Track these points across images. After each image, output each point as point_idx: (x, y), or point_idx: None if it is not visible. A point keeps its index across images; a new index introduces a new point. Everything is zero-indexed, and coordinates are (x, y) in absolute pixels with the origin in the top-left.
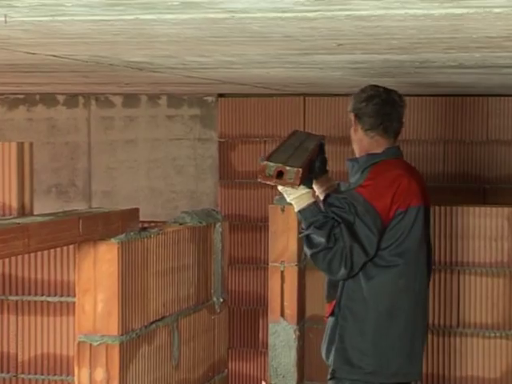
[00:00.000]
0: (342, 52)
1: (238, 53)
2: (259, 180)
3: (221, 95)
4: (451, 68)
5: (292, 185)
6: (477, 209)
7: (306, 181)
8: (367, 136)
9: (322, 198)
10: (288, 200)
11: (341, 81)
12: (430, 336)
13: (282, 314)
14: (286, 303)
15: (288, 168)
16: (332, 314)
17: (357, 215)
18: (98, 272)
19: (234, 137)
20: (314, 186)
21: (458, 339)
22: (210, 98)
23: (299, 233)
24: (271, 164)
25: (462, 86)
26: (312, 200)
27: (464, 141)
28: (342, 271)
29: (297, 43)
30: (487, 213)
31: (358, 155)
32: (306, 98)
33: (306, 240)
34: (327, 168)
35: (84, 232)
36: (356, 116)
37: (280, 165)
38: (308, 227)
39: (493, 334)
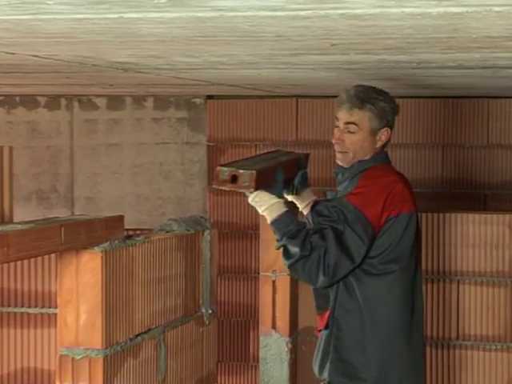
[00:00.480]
0: (336, 52)
1: (228, 53)
2: (214, 186)
3: (209, 97)
4: (450, 69)
5: (247, 188)
6: (477, 216)
7: (275, 190)
8: (382, 148)
9: (305, 212)
10: (260, 212)
11: (335, 82)
12: (428, 349)
13: (274, 326)
14: (277, 314)
15: (241, 171)
16: (326, 326)
17: (347, 223)
18: (80, 282)
19: (224, 140)
20: (297, 201)
21: (457, 352)
22: (198, 100)
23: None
24: (224, 169)
25: (461, 87)
26: (284, 210)
27: (463, 145)
28: (322, 279)
29: (288, 43)
30: (488, 220)
31: (346, 162)
32: (299, 99)
33: (283, 251)
34: (309, 183)
35: (66, 240)
36: (390, 130)
37: (233, 169)
38: (282, 238)
39: (494, 347)
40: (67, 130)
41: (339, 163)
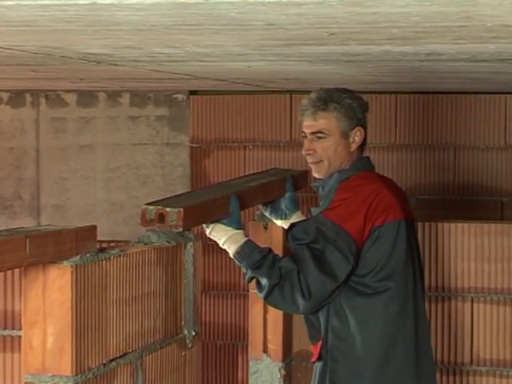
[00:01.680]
0: (335, 43)
1: (213, 43)
2: (141, 226)
3: (193, 92)
4: (462, 61)
5: (176, 227)
6: (493, 226)
7: (232, 221)
8: (358, 151)
9: None
10: (221, 246)
11: (333, 76)
12: (438, 375)
13: (265, 350)
14: (269, 337)
15: (168, 209)
16: (319, 357)
17: (326, 241)
18: (47, 300)
19: (209, 141)
20: (286, 227)
21: (470, 379)
22: (180, 96)
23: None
24: (151, 207)
25: (475, 82)
26: (243, 240)
27: (478, 146)
28: (303, 303)
29: (281, 32)
30: (505, 230)
31: (324, 173)
32: (293, 95)
33: (256, 285)
34: (298, 205)
35: (32, 254)
36: (362, 129)
37: (159, 207)
38: (247, 270)
39: None
40: (33, 130)
41: (316, 176)
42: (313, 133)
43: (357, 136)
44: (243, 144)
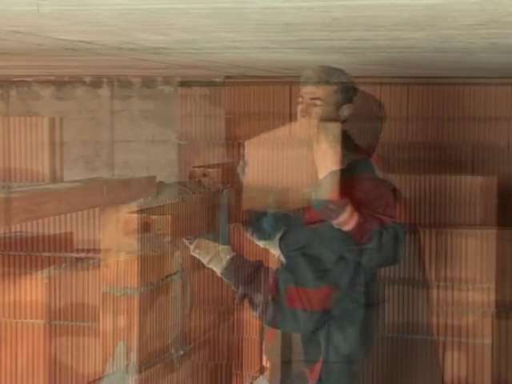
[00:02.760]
0: (339, 28)
1: (203, 29)
2: (124, 235)
3: (182, 83)
4: (481, 49)
5: (164, 236)
6: None
7: (216, 236)
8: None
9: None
10: (206, 264)
11: (337, 65)
12: None
13: (262, 371)
14: (266, 356)
15: (154, 217)
16: (319, 380)
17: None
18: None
19: (199, 138)
20: (270, 248)
21: None
22: (166, 88)
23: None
24: (134, 215)
25: (496, 71)
26: (231, 255)
27: (499, 145)
28: (303, 321)
29: (279, 17)
30: None
31: (319, 173)
32: (293, 86)
33: (248, 305)
34: (282, 224)
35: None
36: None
37: (144, 215)
38: (239, 288)
39: None
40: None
41: None
42: None
43: None
44: (238, 141)
